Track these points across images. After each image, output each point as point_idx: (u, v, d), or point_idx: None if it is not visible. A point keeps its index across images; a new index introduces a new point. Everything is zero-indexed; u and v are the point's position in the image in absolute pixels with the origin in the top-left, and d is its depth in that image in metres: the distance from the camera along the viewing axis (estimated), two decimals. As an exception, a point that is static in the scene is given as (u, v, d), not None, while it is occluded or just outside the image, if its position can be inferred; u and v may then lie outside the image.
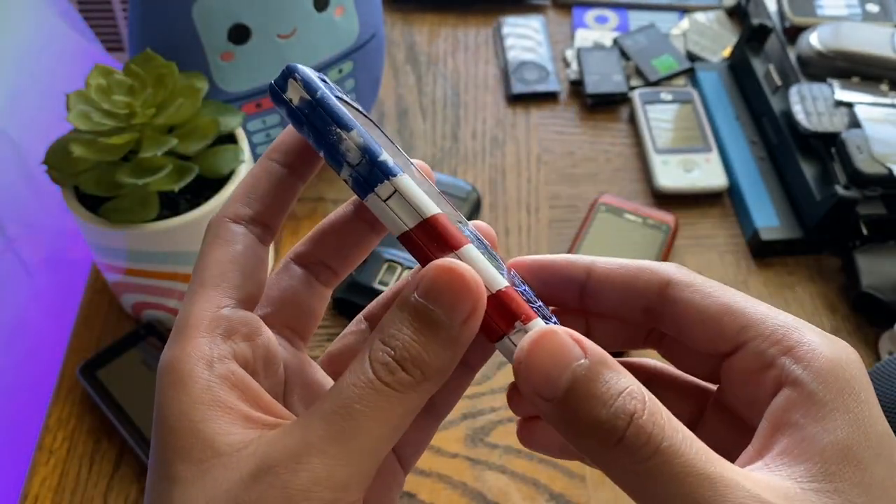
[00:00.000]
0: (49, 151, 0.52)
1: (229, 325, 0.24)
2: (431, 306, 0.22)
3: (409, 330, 0.22)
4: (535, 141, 0.74)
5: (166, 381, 0.24)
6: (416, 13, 0.85)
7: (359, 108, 0.27)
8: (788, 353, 0.23)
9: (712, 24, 0.83)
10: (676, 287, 0.26)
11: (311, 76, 0.24)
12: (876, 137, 0.61)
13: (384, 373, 0.22)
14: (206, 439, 0.22)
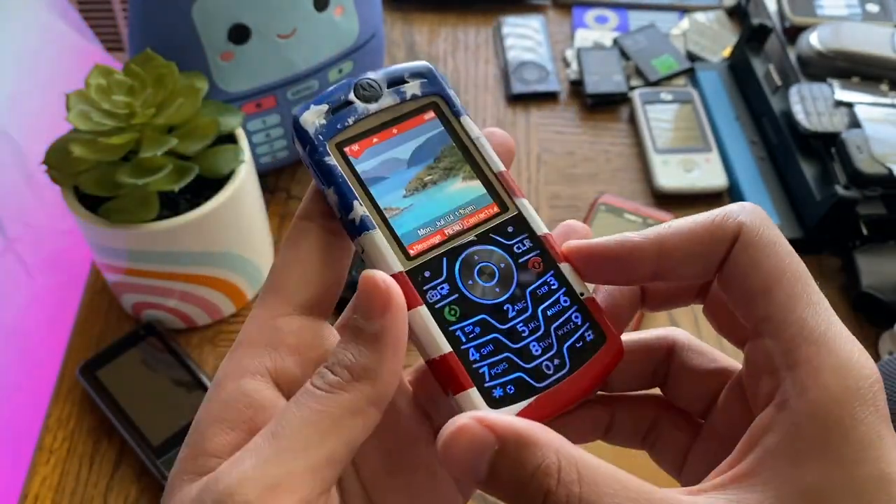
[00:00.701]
0: (49, 151, 0.52)
1: (276, 337, 0.25)
2: (355, 316, 0.24)
3: (339, 344, 0.24)
4: (535, 141, 0.74)
5: (211, 386, 0.25)
6: (416, 13, 0.85)
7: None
8: (792, 367, 0.22)
9: (712, 24, 0.83)
10: (741, 246, 0.24)
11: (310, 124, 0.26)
12: (876, 137, 0.61)
13: (317, 379, 0.23)
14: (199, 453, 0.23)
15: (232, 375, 0.24)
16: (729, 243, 0.24)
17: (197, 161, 0.51)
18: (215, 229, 0.53)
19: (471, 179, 0.27)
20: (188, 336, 0.59)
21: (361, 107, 0.26)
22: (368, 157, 0.26)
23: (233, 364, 0.25)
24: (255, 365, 0.24)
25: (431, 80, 0.28)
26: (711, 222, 0.25)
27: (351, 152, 0.26)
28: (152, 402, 0.54)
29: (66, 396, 0.56)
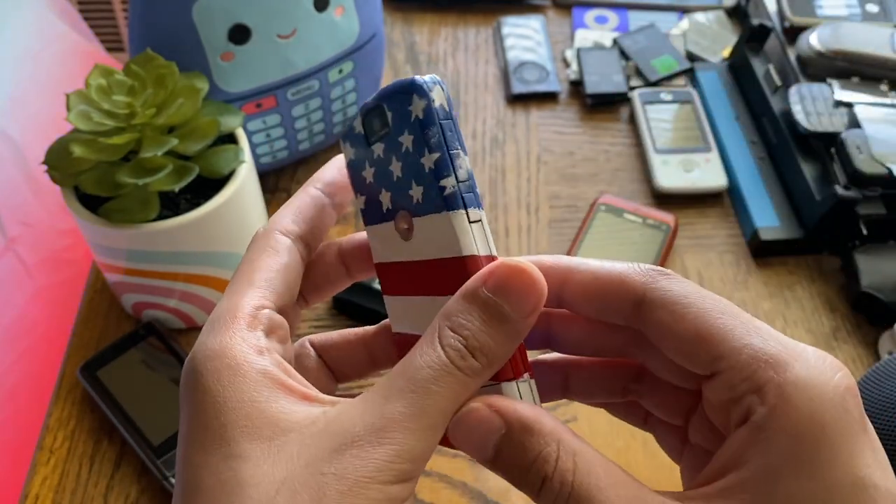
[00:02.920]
0: (49, 151, 0.52)
1: (271, 323, 0.26)
2: (500, 301, 0.24)
3: (478, 321, 0.24)
4: (535, 141, 0.74)
5: (216, 365, 0.24)
6: (416, 13, 0.85)
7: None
8: (757, 391, 0.23)
9: (712, 25, 0.83)
10: (650, 306, 0.25)
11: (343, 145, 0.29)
12: (876, 137, 0.61)
13: (457, 358, 0.24)
14: (271, 417, 0.23)
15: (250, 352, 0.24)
16: (630, 302, 0.25)
17: (197, 161, 0.51)
18: (215, 229, 0.53)
19: None
20: (188, 336, 0.59)
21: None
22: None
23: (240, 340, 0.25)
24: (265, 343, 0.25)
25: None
26: (615, 274, 0.26)
27: None
28: (152, 402, 0.54)
29: (66, 396, 0.56)
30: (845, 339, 0.60)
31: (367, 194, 0.28)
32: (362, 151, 0.27)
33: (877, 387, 0.48)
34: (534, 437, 0.23)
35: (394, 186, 0.26)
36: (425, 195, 0.25)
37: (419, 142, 0.25)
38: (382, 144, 0.26)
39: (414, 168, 0.25)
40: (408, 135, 0.25)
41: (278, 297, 0.27)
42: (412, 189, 0.25)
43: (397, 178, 0.26)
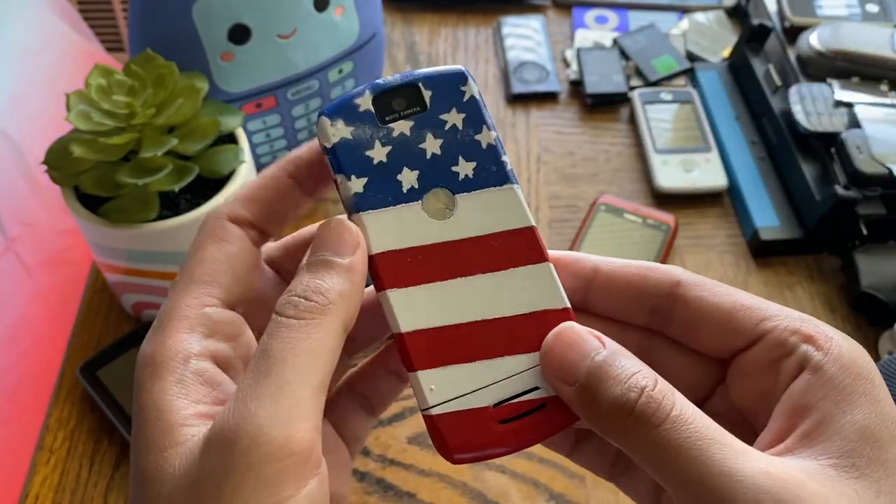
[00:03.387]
0: (49, 151, 0.52)
1: (212, 324, 0.25)
2: (321, 254, 0.24)
3: (307, 276, 0.24)
4: (535, 141, 0.74)
5: (143, 371, 0.24)
6: (416, 13, 0.86)
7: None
8: (809, 341, 0.24)
9: (712, 24, 0.83)
10: (687, 286, 0.26)
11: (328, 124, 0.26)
12: (876, 137, 0.61)
13: (289, 309, 0.23)
14: (169, 428, 0.23)
15: (175, 358, 0.24)
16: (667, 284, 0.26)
17: (197, 161, 0.51)
18: (215, 229, 0.53)
19: None
20: (188, 336, 0.59)
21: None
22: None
23: (170, 349, 0.24)
24: (197, 349, 0.25)
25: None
26: (649, 264, 0.27)
27: None
28: (152, 402, 0.54)
29: (67, 396, 0.56)
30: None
31: (370, 175, 0.26)
32: (368, 130, 0.26)
33: (877, 387, 0.48)
34: (631, 358, 0.23)
35: (425, 163, 0.26)
36: (478, 170, 0.26)
37: (475, 119, 0.26)
38: (410, 122, 0.26)
39: (462, 144, 0.26)
40: (457, 113, 0.26)
41: (225, 292, 0.26)
42: (458, 165, 0.26)
43: (433, 156, 0.26)
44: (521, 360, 0.25)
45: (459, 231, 0.26)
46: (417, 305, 0.25)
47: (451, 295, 0.25)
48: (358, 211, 0.26)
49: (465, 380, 0.25)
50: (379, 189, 0.26)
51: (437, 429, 0.24)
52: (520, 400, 0.25)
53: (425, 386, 0.24)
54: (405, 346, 0.25)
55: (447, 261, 0.26)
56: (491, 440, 0.25)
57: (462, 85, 0.27)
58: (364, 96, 0.26)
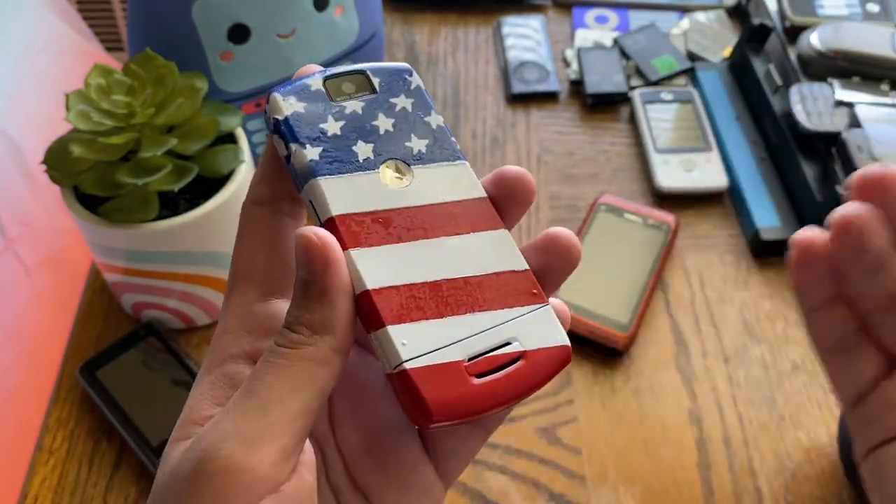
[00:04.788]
0: (48, 151, 0.52)
1: (254, 322, 0.26)
2: (299, 271, 0.24)
3: (294, 302, 0.25)
4: (535, 141, 0.74)
5: (199, 372, 0.27)
6: (416, 13, 0.85)
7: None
8: None
9: (712, 24, 0.83)
10: None
11: (281, 98, 0.27)
12: (877, 137, 0.61)
13: (279, 338, 0.24)
14: (185, 423, 0.25)
15: (216, 360, 0.26)
16: None
17: (197, 161, 0.51)
18: (215, 229, 0.53)
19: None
20: (188, 336, 0.59)
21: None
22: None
23: (216, 351, 0.26)
24: (236, 350, 0.26)
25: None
26: None
27: None
28: (152, 402, 0.54)
29: (66, 396, 0.56)
30: (846, 340, 0.60)
31: (325, 145, 0.26)
32: (321, 106, 0.27)
33: (877, 387, 0.47)
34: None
35: (379, 138, 0.27)
36: (430, 147, 0.28)
37: (422, 105, 0.29)
38: (361, 103, 0.28)
39: (412, 125, 0.28)
40: (405, 99, 0.29)
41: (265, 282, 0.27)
42: (410, 141, 0.28)
43: (385, 131, 0.28)
44: (492, 316, 0.25)
45: (418, 198, 0.27)
46: (382, 264, 0.25)
47: (414, 255, 0.26)
48: (315, 176, 0.26)
49: (437, 335, 0.24)
50: (335, 157, 0.26)
51: (412, 385, 0.23)
52: (494, 354, 0.25)
53: (397, 341, 0.24)
54: (373, 303, 0.24)
55: (408, 224, 0.26)
56: (468, 396, 0.24)
57: (408, 76, 0.29)
58: (314, 79, 0.28)
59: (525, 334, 0.25)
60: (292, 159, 0.26)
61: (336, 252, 0.24)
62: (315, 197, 0.26)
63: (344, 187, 0.26)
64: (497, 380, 0.24)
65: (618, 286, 0.60)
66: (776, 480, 0.53)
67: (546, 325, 0.26)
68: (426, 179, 0.27)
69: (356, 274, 0.25)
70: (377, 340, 0.24)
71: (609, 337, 0.58)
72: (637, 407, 0.56)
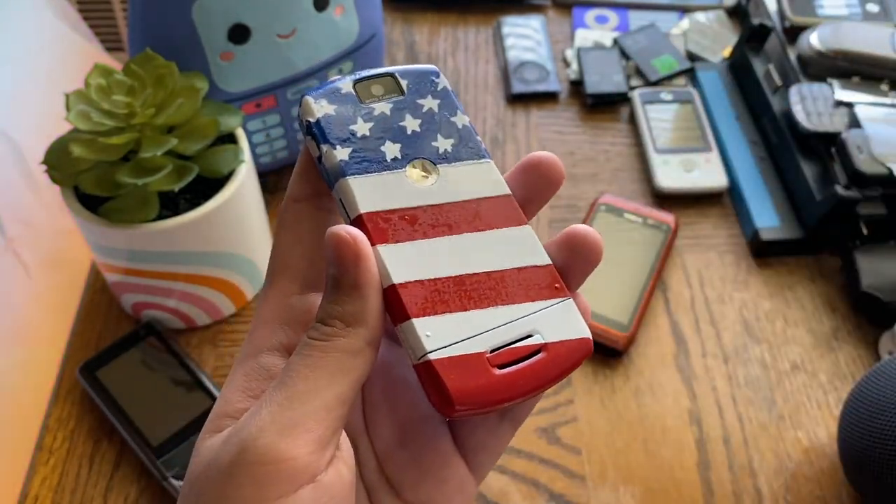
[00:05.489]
0: (49, 151, 0.52)
1: (290, 315, 0.27)
2: (330, 268, 0.25)
3: (325, 297, 0.25)
4: (535, 141, 0.74)
5: (234, 363, 0.27)
6: (416, 13, 0.85)
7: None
8: None
9: (712, 24, 0.83)
10: None
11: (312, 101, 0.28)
12: (876, 137, 0.61)
13: (312, 332, 0.25)
14: (218, 415, 0.26)
15: (252, 352, 0.27)
16: None
17: (197, 161, 0.51)
18: (215, 229, 0.53)
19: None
20: (188, 336, 0.59)
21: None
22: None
23: (252, 343, 0.27)
24: (272, 342, 0.27)
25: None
26: None
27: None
28: (152, 402, 0.54)
29: (66, 396, 0.56)
30: (845, 339, 0.60)
31: (354, 146, 0.27)
32: (350, 108, 0.28)
33: (877, 387, 0.48)
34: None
35: (406, 138, 0.28)
36: (457, 146, 0.29)
37: (449, 105, 0.29)
38: (389, 105, 0.29)
39: (439, 125, 0.29)
40: (431, 100, 0.29)
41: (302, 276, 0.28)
42: (437, 140, 0.28)
43: (413, 132, 0.28)
44: (514, 310, 0.26)
45: (443, 196, 0.28)
46: (408, 260, 0.26)
47: (439, 251, 0.26)
48: (344, 175, 0.27)
49: (460, 327, 0.25)
50: (364, 157, 0.27)
51: (436, 375, 0.24)
52: (516, 346, 0.25)
53: (421, 332, 0.25)
54: (399, 297, 0.25)
55: (434, 221, 0.27)
56: (490, 387, 0.25)
57: (435, 77, 0.30)
58: (345, 82, 0.28)
59: (546, 327, 0.26)
60: (323, 159, 0.27)
61: (366, 248, 0.25)
62: (344, 195, 0.26)
63: (372, 186, 0.27)
64: (518, 371, 0.25)
65: (618, 286, 0.61)
66: (776, 480, 0.53)
67: (567, 319, 0.27)
68: (452, 178, 0.28)
69: (383, 269, 0.25)
70: (403, 332, 0.25)
71: (609, 337, 0.58)
72: (637, 407, 0.56)
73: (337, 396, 0.24)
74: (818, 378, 0.58)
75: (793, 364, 0.59)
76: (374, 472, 0.28)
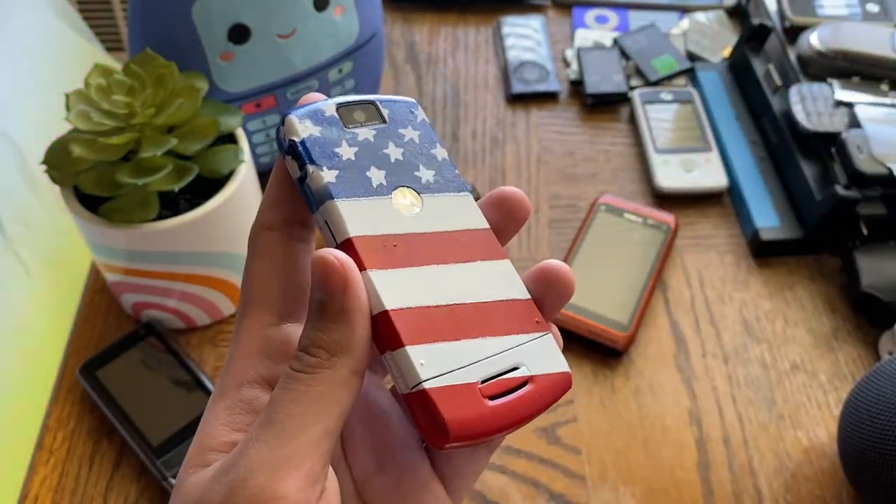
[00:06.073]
0: (49, 151, 0.52)
1: (269, 346, 0.27)
2: (315, 294, 0.24)
3: (308, 327, 0.25)
4: (535, 141, 0.74)
5: (213, 393, 0.27)
6: (416, 13, 0.85)
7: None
8: None
9: (712, 24, 0.83)
10: None
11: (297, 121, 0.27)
12: (876, 137, 0.61)
13: (295, 363, 0.24)
14: (201, 450, 0.25)
15: (232, 385, 0.26)
16: None
17: (197, 161, 0.51)
18: (215, 229, 0.53)
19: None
20: (188, 336, 0.59)
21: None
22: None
23: (231, 375, 0.26)
24: (252, 374, 0.26)
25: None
26: None
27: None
28: (152, 402, 0.54)
29: (66, 396, 0.56)
30: (845, 339, 0.60)
31: (340, 169, 0.27)
32: (335, 131, 0.28)
33: (877, 387, 0.48)
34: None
35: (390, 165, 0.28)
36: (437, 178, 0.29)
37: (428, 138, 0.29)
38: (373, 131, 0.28)
39: (421, 156, 0.29)
40: (412, 130, 0.29)
41: (279, 306, 0.27)
42: (419, 171, 0.28)
43: (396, 160, 0.28)
44: (501, 341, 0.26)
45: (428, 225, 0.27)
46: (398, 286, 0.25)
47: (428, 279, 0.26)
48: (332, 198, 0.26)
49: (453, 357, 0.25)
50: (350, 182, 0.27)
51: (431, 404, 0.24)
52: (505, 378, 0.25)
53: (416, 360, 0.24)
54: (391, 324, 0.24)
55: (421, 249, 0.27)
56: (483, 418, 0.24)
57: (414, 109, 0.30)
58: (328, 104, 0.28)
59: (531, 360, 0.26)
60: (308, 180, 0.26)
61: (355, 273, 0.24)
62: (331, 218, 0.26)
63: (359, 210, 0.26)
64: (508, 402, 0.25)
65: (618, 286, 0.61)
66: (776, 480, 0.53)
67: (549, 353, 0.27)
68: (435, 208, 0.28)
69: (374, 294, 0.25)
70: (394, 360, 0.24)
71: (609, 337, 0.58)
72: (637, 407, 0.56)
73: (324, 431, 0.24)
74: (818, 378, 0.58)
75: (793, 364, 0.59)
76: (351, 496, 0.28)
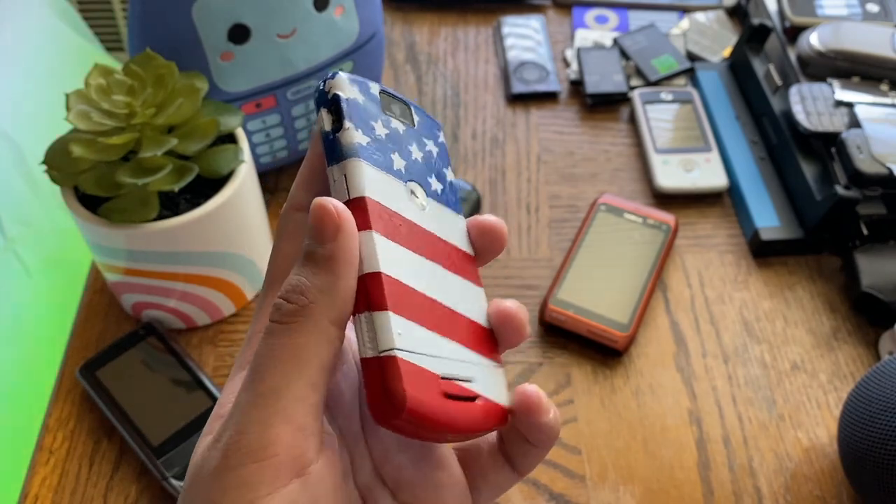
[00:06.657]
0: (49, 151, 0.52)
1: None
2: (306, 242, 0.24)
3: (292, 273, 0.24)
4: (535, 141, 0.74)
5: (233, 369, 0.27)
6: (416, 13, 0.85)
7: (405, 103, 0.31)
8: None
9: (712, 24, 0.83)
10: None
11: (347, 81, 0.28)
12: (876, 137, 0.61)
13: (274, 313, 0.24)
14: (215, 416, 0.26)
15: (249, 357, 0.27)
16: None
17: (197, 161, 0.51)
18: (215, 229, 0.53)
19: None
20: (188, 336, 0.59)
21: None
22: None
23: (250, 347, 0.27)
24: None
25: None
26: None
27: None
28: (152, 402, 0.54)
29: (66, 396, 0.56)
30: (845, 339, 0.60)
31: (371, 138, 0.28)
32: (374, 108, 0.29)
33: (877, 387, 0.48)
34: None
35: (410, 160, 0.29)
36: (444, 193, 0.30)
37: (444, 157, 0.31)
38: (403, 127, 0.29)
39: (435, 168, 0.30)
40: (433, 146, 0.31)
41: None
42: (431, 178, 0.30)
43: (416, 159, 0.29)
44: (466, 352, 0.27)
45: (431, 225, 0.28)
46: (397, 259, 0.26)
47: (422, 268, 0.27)
48: (357, 157, 0.26)
49: (425, 344, 0.25)
50: (377, 153, 0.27)
51: (396, 371, 0.23)
52: (462, 384, 0.26)
53: (394, 328, 0.24)
54: (381, 285, 0.25)
55: (421, 241, 0.27)
56: (436, 408, 0.24)
57: (437, 131, 0.31)
58: (373, 84, 0.29)
59: (485, 382, 0.27)
60: (340, 134, 0.27)
61: (350, 224, 0.24)
62: (351, 174, 0.26)
63: (378, 180, 0.27)
64: (458, 407, 0.25)
65: (617, 286, 0.60)
66: (776, 480, 0.53)
67: (500, 384, 0.28)
68: (438, 214, 0.29)
69: (372, 253, 0.25)
70: (370, 321, 0.24)
71: (609, 337, 0.58)
72: (637, 407, 0.56)
73: (308, 384, 0.24)
74: (818, 378, 0.58)
75: (793, 364, 0.59)
76: (369, 474, 0.28)
